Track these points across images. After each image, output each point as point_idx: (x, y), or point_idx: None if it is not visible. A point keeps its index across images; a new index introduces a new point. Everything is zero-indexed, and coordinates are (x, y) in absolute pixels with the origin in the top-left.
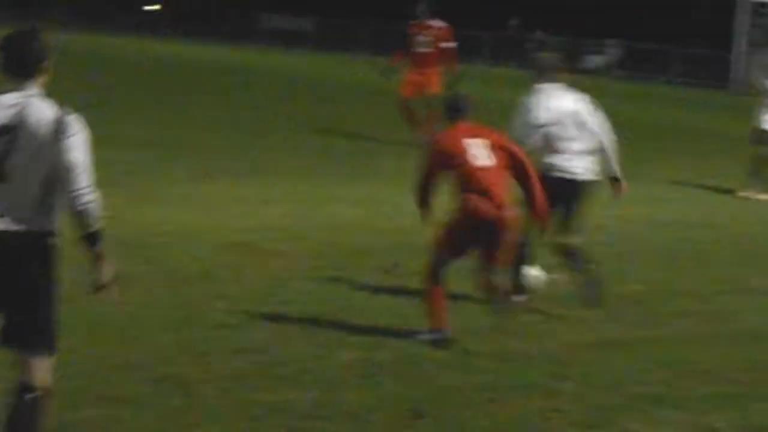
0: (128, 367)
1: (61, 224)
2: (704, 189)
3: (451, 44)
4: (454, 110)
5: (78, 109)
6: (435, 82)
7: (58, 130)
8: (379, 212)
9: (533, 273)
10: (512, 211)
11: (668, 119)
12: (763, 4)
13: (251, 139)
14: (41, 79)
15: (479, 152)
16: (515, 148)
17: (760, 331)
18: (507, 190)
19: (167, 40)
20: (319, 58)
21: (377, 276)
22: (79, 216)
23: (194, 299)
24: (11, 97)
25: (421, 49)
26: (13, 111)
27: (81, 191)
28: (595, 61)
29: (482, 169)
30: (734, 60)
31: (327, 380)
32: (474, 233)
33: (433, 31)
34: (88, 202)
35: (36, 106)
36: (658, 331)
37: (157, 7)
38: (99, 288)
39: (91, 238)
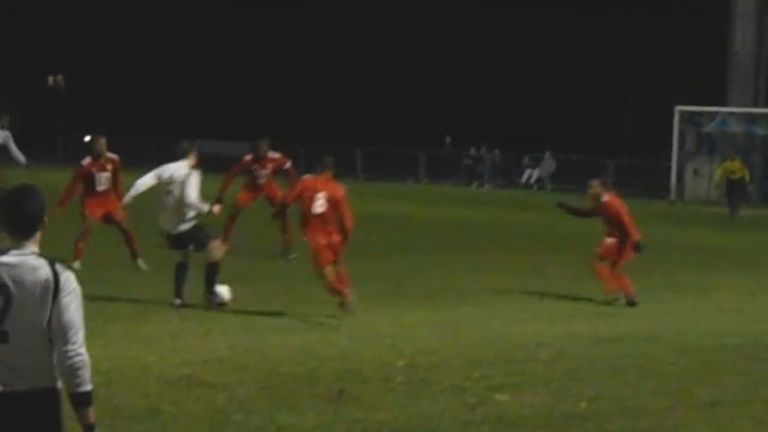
0: None
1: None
2: (648, 302)
3: (288, 165)
4: (321, 165)
5: None
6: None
7: (54, 290)
8: (323, 339)
9: (222, 289)
10: (335, 240)
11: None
12: (700, 113)
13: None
14: (38, 235)
15: (320, 202)
16: (340, 197)
17: None
18: (331, 228)
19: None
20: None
21: (323, 405)
22: (70, 375)
23: None
24: (8, 257)
25: (261, 181)
26: (9, 271)
27: (73, 350)
28: (531, 174)
29: (317, 215)
30: (672, 169)
31: None
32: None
33: (271, 163)
34: (79, 362)
35: (32, 265)
36: None
37: (87, 138)
38: None
39: (79, 399)
